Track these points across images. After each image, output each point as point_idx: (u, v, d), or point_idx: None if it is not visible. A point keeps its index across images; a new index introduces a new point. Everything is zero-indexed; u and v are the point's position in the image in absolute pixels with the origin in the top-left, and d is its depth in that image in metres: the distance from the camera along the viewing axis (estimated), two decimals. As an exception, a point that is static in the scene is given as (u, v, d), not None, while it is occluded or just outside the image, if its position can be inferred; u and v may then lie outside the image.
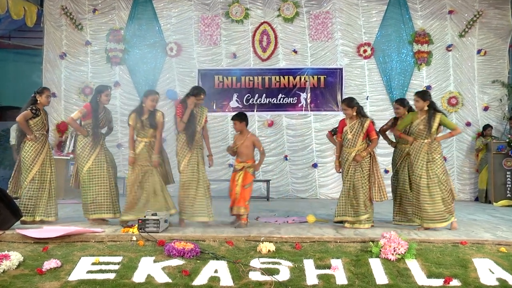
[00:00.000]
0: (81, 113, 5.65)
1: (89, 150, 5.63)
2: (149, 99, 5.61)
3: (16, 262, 4.15)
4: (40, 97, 5.71)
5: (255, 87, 10.22)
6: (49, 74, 10.31)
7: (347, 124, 5.61)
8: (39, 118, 5.69)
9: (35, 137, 5.63)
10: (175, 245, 4.36)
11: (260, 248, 4.42)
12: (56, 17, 10.31)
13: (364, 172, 5.50)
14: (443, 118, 5.51)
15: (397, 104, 6.01)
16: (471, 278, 4.02)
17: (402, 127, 5.70)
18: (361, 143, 5.52)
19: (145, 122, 5.59)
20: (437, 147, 5.49)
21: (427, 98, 5.50)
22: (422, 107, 5.50)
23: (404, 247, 4.30)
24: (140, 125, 5.59)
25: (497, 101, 9.84)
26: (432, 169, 5.40)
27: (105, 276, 3.95)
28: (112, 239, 4.66)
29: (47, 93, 5.78)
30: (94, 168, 5.62)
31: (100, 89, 5.76)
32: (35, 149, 5.61)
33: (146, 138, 5.61)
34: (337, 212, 5.60)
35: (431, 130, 5.43)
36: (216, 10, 10.25)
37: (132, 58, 10.26)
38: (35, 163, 5.59)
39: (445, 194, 5.39)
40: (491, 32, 9.88)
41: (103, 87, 5.79)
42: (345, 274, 4.07)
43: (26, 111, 5.59)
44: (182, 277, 3.97)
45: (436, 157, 5.44)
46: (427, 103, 5.49)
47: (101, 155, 5.69)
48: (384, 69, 10.02)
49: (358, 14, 10.11)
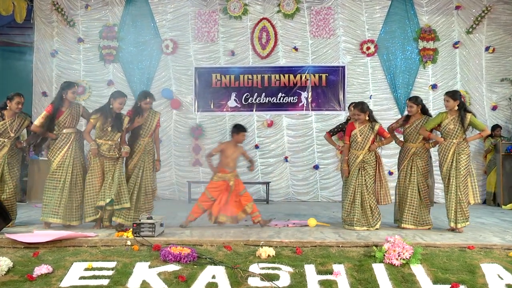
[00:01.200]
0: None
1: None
2: (117, 102, 5.63)
3: (6, 267, 4.07)
4: (10, 103, 5.64)
5: (254, 85, 9.98)
6: (40, 72, 10.05)
7: (357, 127, 5.72)
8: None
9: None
10: (171, 249, 4.30)
11: (259, 253, 4.37)
12: (47, 13, 10.04)
13: (371, 175, 5.65)
14: (473, 118, 5.59)
15: (411, 102, 5.95)
16: (479, 284, 3.95)
17: (431, 127, 5.72)
18: (369, 146, 5.70)
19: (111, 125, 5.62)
20: (466, 147, 5.58)
21: (457, 98, 5.59)
22: (453, 107, 5.59)
23: (409, 251, 4.25)
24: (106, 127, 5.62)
25: (506, 100, 9.68)
26: (458, 169, 5.50)
27: (98, 282, 3.91)
28: (105, 244, 4.61)
29: (17, 99, 5.67)
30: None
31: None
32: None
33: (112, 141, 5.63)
34: (350, 219, 5.64)
35: (464, 130, 5.57)
36: (213, 6, 10.00)
37: (126, 55, 10.01)
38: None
39: (462, 196, 5.51)
40: (500, 28, 9.70)
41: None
42: (348, 280, 4.01)
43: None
44: (179, 283, 3.92)
45: (464, 157, 5.52)
46: (457, 103, 5.58)
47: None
48: (388, 67, 9.81)
49: (361, 10, 9.91)
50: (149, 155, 5.78)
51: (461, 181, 5.47)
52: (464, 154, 5.51)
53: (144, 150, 5.73)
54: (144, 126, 5.77)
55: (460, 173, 5.46)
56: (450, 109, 5.62)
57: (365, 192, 5.58)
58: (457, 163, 5.48)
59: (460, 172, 5.46)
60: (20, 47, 10.57)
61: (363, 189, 5.58)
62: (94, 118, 5.58)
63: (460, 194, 5.44)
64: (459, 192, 5.45)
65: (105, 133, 5.56)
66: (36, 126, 5.55)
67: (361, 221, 5.56)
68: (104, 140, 5.55)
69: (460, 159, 5.48)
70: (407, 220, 5.68)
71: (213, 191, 5.76)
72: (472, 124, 5.58)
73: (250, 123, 9.82)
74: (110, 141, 5.55)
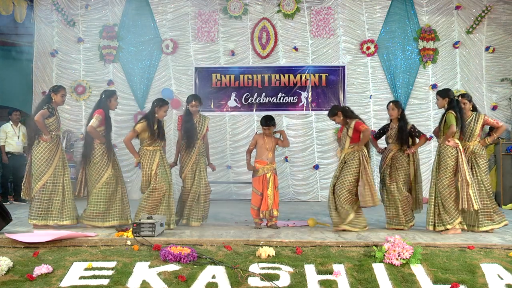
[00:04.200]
0: (98, 120, 5.53)
1: (107, 158, 5.56)
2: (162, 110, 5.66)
3: (6, 267, 4.05)
4: (55, 96, 5.55)
5: (254, 85, 9.96)
6: (40, 72, 10.02)
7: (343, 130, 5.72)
8: (55, 118, 5.55)
9: (51, 138, 5.47)
10: (171, 249, 4.27)
11: (259, 253, 4.35)
12: (47, 12, 10.01)
13: (346, 174, 5.45)
14: (448, 115, 5.47)
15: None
16: (479, 284, 3.93)
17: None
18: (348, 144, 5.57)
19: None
20: (444, 149, 5.48)
21: (446, 96, 5.55)
22: (443, 105, 5.58)
23: (409, 251, 4.23)
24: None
25: (506, 100, 9.66)
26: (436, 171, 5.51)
27: (98, 282, 3.88)
28: (105, 244, 4.59)
29: (62, 92, 5.62)
30: (111, 176, 5.56)
31: (109, 94, 5.71)
32: (49, 150, 5.45)
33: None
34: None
35: (442, 131, 5.51)
36: (213, 6, 9.99)
37: (126, 55, 10.01)
38: (49, 166, 5.43)
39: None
40: (500, 28, 9.68)
41: (112, 92, 5.78)
42: (348, 280, 3.99)
43: (43, 110, 5.43)
44: (179, 282, 3.90)
45: (444, 159, 5.48)
46: (446, 101, 5.54)
47: (115, 163, 5.69)
48: (388, 67, 9.80)
49: (361, 10, 9.90)
50: (202, 158, 5.88)
51: (440, 183, 5.40)
52: (444, 156, 5.40)
53: (198, 153, 5.82)
54: (197, 129, 5.82)
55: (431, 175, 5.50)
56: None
57: (337, 189, 5.41)
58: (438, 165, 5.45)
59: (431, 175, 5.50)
60: (20, 47, 10.50)
61: (336, 185, 5.45)
62: (142, 123, 5.53)
63: (440, 196, 5.39)
64: (439, 193, 5.40)
65: (151, 141, 5.54)
66: (93, 128, 5.50)
67: (332, 218, 5.50)
68: (153, 147, 5.56)
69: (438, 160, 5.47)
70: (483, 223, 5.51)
71: (258, 186, 5.71)
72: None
73: (250, 123, 9.83)
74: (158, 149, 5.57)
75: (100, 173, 5.51)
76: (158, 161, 5.51)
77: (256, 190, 5.73)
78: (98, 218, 5.49)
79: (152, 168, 5.47)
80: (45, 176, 5.40)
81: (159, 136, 5.58)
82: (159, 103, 5.63)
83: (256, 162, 5.80)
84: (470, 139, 5.62)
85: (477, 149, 5.60)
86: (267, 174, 5.70)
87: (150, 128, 5.52)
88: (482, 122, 5.59)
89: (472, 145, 5.60)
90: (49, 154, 5.44)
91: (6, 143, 8.56)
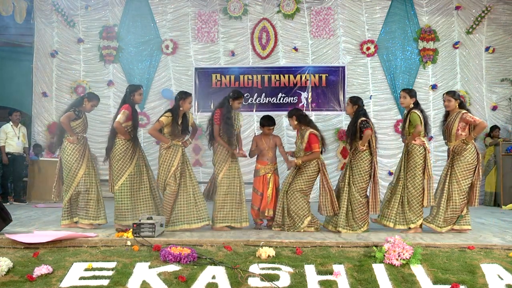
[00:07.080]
0: (125, 116, 5.42)
1: (131, 154, 5.46)
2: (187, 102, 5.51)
3: (6, 268, 4.04)
4: (87, 103, 5.65)
5: (254, 86, 9.97)
6: (40, 72, 10.04)
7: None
8: (81, 120, 5.63)
9: (77, 139, 5.53)
10: (171, 250, 4.27)
11: (259, 253, 4.34)
12: (47, 13, 10.03)
13: (299, 180, 5.55)
14: (412, 115, 5.47)
15: (448, 96, 5.58)
16: (479, 284, 3.93)
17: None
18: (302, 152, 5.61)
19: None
20: (414, 148, 5.47)
21: (413, 95, 5.58)
22: (409, 104, 5.57)
23: (409, 252, 4.23)
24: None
25: (506, 101, 9.66)
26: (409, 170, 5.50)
27: (98, 282, 3.88)
28: (105, 244, 4.58)
29: (94, 102, 5.70)
30: (135, 173, 5.49)
31: (133, 89, 5.58)
32: (78, 151, 5.52)
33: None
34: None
35: (407, 129, 5.57)
36: (213, 6, 9.99)
37: (126, 56, 10.02)
38: (80, 166, 5.49)
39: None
40: (500, 28, 9.69)
41: (135, 87, 5.64)
42: (348, 280, 3.99)
43: (69, 112, 5.55)
44: (179, 283, 3.89)
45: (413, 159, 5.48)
46: (413, 100, 5.55)
47: (140, 159, 5.59)
48: (388, 67, 9.80)
49: (361, 10, 9.90)
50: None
51: (410, 182, 5.37)
52: (413, 155, 5.39)
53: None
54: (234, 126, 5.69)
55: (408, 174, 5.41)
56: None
57: (288, 192, 5.52)
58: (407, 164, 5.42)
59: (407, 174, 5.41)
60: (20, 47, 10.55)
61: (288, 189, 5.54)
62: (167, 117, 5.37)
63: (407, 194, 5.39)
64: (407, 191, 5.39)
65: (175, 135, 5.41)
66: (119, 124, 5.40)
67: (276, 222, 5.56)
68: (176, 141, 5.45)
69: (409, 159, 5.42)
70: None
71: (258, 186, 5.73)
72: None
73: (250, 123, 9.82)
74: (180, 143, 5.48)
75: (122, 170, 5.41)
76: (179, 156, 5.41)
77: (256, 190, 5.76)
78: (126, 216, 5.41)
79: (173, 164, 5.37)
80: (77, 178, 5.46)
81: (183, 131, 5.48)
82: (182, 96, 5.45)
83: (257, 163, 5.86)
84: (449, 138, 5.48)
85: (457, 148, 5.39)
86: (267, 174, 5.76)
87: (174, 122, 5.38)
88: (459, 120, 5.37)
89: (452, 145, 5.45)
90: (78, 154, 5.50)
91: (6, 143, 8.56)
